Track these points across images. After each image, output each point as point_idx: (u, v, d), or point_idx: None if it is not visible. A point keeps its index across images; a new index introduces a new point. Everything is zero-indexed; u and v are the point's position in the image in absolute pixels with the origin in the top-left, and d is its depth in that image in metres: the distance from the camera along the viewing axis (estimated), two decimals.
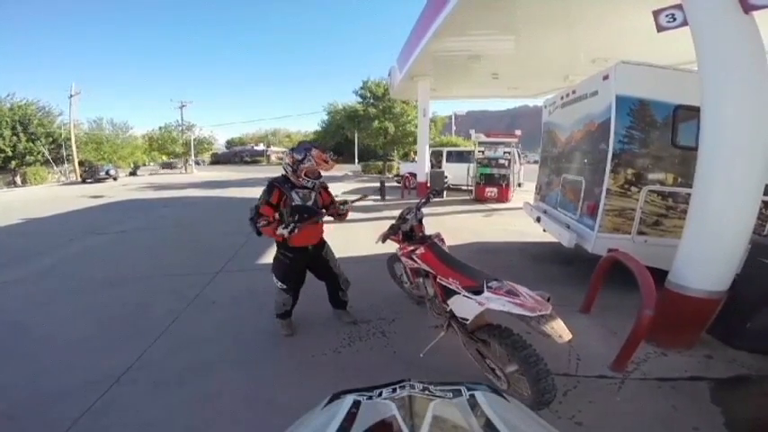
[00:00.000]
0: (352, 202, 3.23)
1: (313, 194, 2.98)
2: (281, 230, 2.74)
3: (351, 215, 3.24)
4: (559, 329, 1.95)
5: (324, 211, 3.04)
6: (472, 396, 0.88)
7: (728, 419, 2.20)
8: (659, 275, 2.89)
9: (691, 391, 2.48)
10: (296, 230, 2.76)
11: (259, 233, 2.89)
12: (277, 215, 2.88)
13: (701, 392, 2.47)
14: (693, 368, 2.72)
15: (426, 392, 0.89)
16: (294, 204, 2.88)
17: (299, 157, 2.83)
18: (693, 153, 3.01)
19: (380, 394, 0.90)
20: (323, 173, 3.01)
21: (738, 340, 2.94)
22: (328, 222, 3.16)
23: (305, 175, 2.86)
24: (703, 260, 2.82)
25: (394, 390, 0.91)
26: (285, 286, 3.08)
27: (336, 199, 3.18)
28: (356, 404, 0.86)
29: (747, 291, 2.90)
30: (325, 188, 3.13)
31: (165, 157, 39.16)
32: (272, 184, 2.88)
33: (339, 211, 3.08)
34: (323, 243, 3.24)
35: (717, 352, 2.91)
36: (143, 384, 2.63)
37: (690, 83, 3.21)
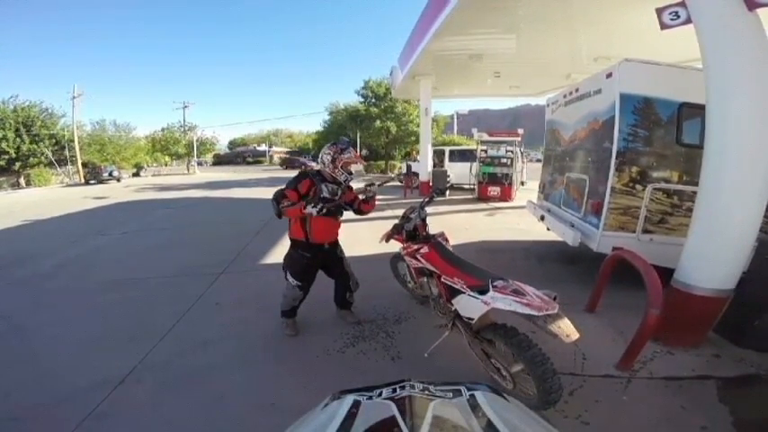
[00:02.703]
0: (379, 185, 3.24)
1: (340, 191, 3.02)
2: (310, 209, 2.79)
3: (352, 215, 3.24)
4: (567, 329, 1.94)
5: (343, 198, 3.08)
6: (472, 396, 0.88)
7: (737, 419, 2.18)
8: (665, 274, 2.86)
9: (698, 391, 2.46)
10: (323, 210, 2.83)
11: (280, 215, 2.91)
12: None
13: (709, 392, 2.45)
14: (701, 367, 2.70)
15: (426, 392, 0.89)
16: (322, 196, 2.91)
17: (342, 147, 2.94)
18: (699, 151, 3.00)
19: (380, 394, 0.90)
20: None
21: (746, 339, 2.91)
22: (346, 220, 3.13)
23: (342, 166, 2.92)
24: (710, 259, 2.80)
25: (394, 390, 0.91)
26: (300, 283, 3.11)
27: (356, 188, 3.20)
28: (356, 404, 0.85)
29: (755, 289, 2.88)
30: (350, 187, 3.17)
31: (168, 158, 39.19)
32: (305, 173, 2.95)
33: (368, 194, 3.12)
34: (337, 241, 3.27)
35: (724, 351, 2.89)
36: (148, 386, 2.63)
37: (694, 80, 3.18)
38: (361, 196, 3.17)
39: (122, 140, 34.19)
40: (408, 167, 14.72)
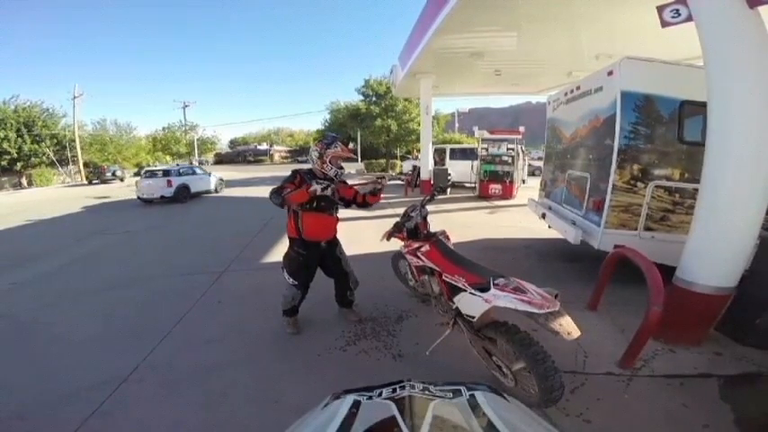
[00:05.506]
0: (389, 179, 3.19)
1: (331, 186, 2.94)
2: (315, 186, 2.70)
3: (353, 213, 3.24)
4: (568, 326, 1.94)
5: (336, 193, 3.02)
6: (472, 396, 0.88)
7: (738, 417, 2.18)
8: (667, 272, 2.86)
9: (700, 389, 2.46)
10: (328, 189, 2.76)
11: (282, 204, 2.85)
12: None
13: (711, 390, 2.44)
14: (702, 365, 2.69)
15: (426, 392, 0.90)
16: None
17: (328, 142, 2.95)
18: (700, 148, 2.99)
19: (380, 394, 0.91)
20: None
21: (748, 337, 2.91)
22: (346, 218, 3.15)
23: (330, 161, 2.92)
24: (711, 256, 2.79)
25: (394, 390, 0.92)
26: (296, 282, 3.11)
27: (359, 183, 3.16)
28: (356, 404, 0.86)
29: (756, 287, 2.87)
30: (345, 183, 3.15)
31: (169, 158, 39.20)
32: (296, 171, 2.97)
33: (376, 186, 3.12)
34: (336, 241, 3.26)
35: (726, 349, 2.88)
36: (151, 384, 2.65)
37: (695, 78, 3.18)
38: (368, 188, 3.14)
39: (123, 140, 34.16)
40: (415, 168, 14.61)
